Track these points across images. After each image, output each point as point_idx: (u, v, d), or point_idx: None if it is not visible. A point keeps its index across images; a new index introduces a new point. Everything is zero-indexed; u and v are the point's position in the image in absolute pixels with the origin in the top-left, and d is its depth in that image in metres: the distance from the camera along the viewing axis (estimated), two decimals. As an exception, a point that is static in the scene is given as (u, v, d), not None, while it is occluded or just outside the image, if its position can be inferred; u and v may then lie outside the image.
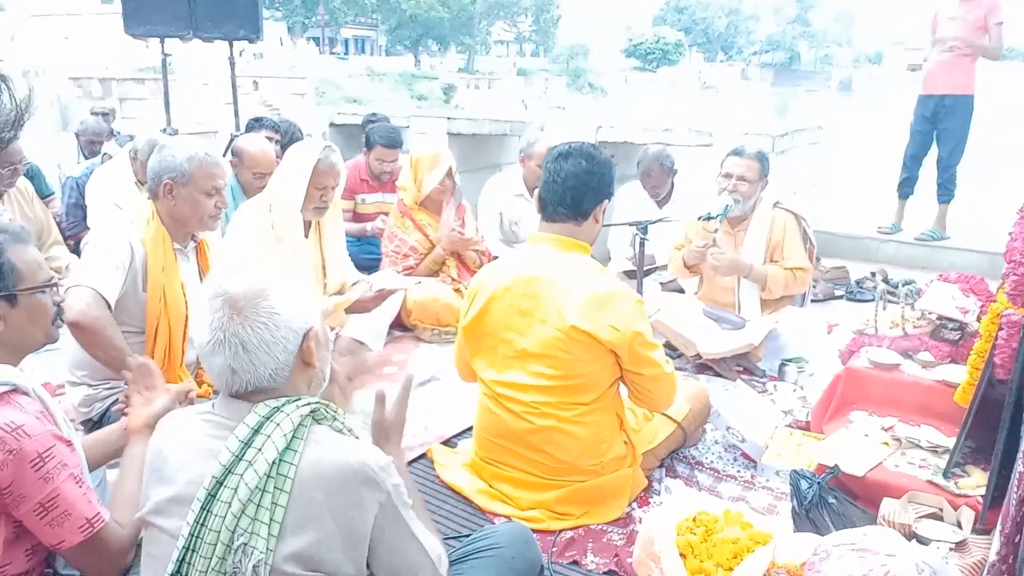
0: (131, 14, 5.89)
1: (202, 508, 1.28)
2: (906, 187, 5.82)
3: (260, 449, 1.29)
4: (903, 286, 3.48)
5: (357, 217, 4.78)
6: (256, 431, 1.30)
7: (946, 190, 5.62)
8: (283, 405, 1.34)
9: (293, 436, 1.31)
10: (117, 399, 2.53)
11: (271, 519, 1.26)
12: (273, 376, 1.36)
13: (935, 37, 5.51)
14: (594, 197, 2.26)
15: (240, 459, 1.29)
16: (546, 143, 4.59)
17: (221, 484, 1.28)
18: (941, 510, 2.14)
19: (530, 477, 2.31)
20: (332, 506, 1.29)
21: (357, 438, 1.41)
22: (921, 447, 2.43)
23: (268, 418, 1.32)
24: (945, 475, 2.26)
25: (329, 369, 1.53)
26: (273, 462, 1.28)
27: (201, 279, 2.79)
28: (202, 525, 1.28)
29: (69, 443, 1.58)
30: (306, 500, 1.28)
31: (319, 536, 1.28)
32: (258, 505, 1.27)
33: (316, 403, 1.38)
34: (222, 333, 1.32)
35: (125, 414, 2.03)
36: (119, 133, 6.85)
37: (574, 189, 2.24)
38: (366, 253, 4.54)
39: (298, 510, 1.27)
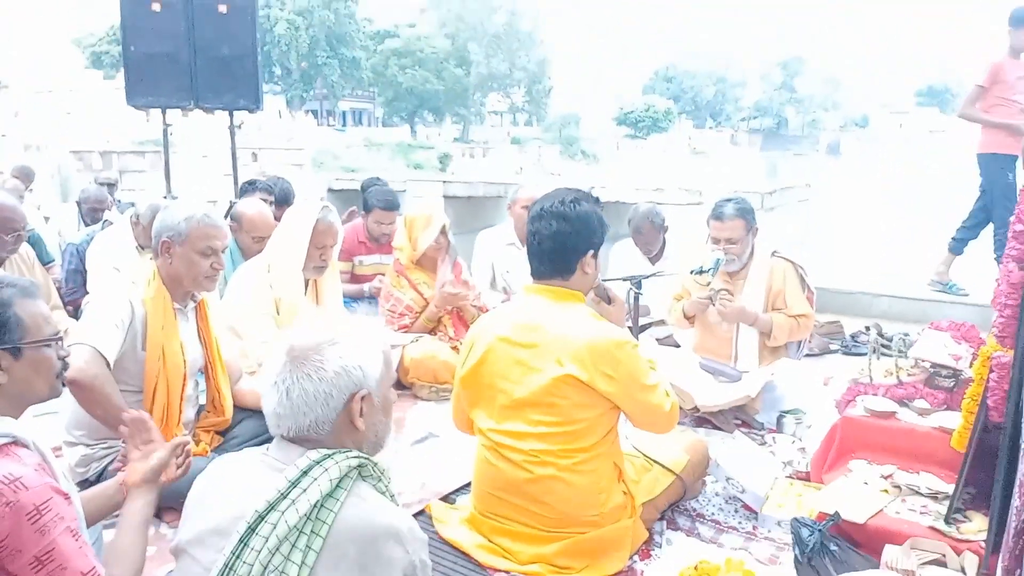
0: (134, 86, 6.05)
1: (240, 541, 1.31)
2: (965, 245, 5.68)
3: (305, 490, 1.32)
4: (898, 339, 3.51)
5: (355, 278, 4.83)
6: (305, 473, 1.34)
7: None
8: (334, 454, 1.38)
9: (338, 485, 1.34)
10: (114, 458, 2.53)
11: (303, 561, 1.29)
12: (313, 428, 1.40)
13: (1007, 97, 5.30)
14: (574, 254, 2.26)
15: (285, 497, 1.32)
16: (529, 189, 4.69)
17: (263, 519, 1.31)
18: (944, 556, 2.12)
19: (529, 530, 2.29)
20: (362, 563, 1.31)
21: (398, 505, 1.45)
22: (921, 494, 2.42)
23: (318, 463, 1.35)
24: (947, 521, 2.25)
25: (388, 437, 1.55)
26: (315, 504, 1.31)
27: (200, 339, 2.82)
28: (237, 557, 1.31)
29: (67, 496, 1.57)
30: (338, 550, 1.30)
31: None
32: (293, 545, 1.29)
33: (364, 459, 1.41)
34: (275, 378, 1.40)
35: (123, 471, 2.03)
36: (120, 201, 6.96)
37: (552, 251, 2.26)
38: (363, 314, 4.57)
39: (329, 558, 1.30)
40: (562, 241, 2.24)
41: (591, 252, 2.29)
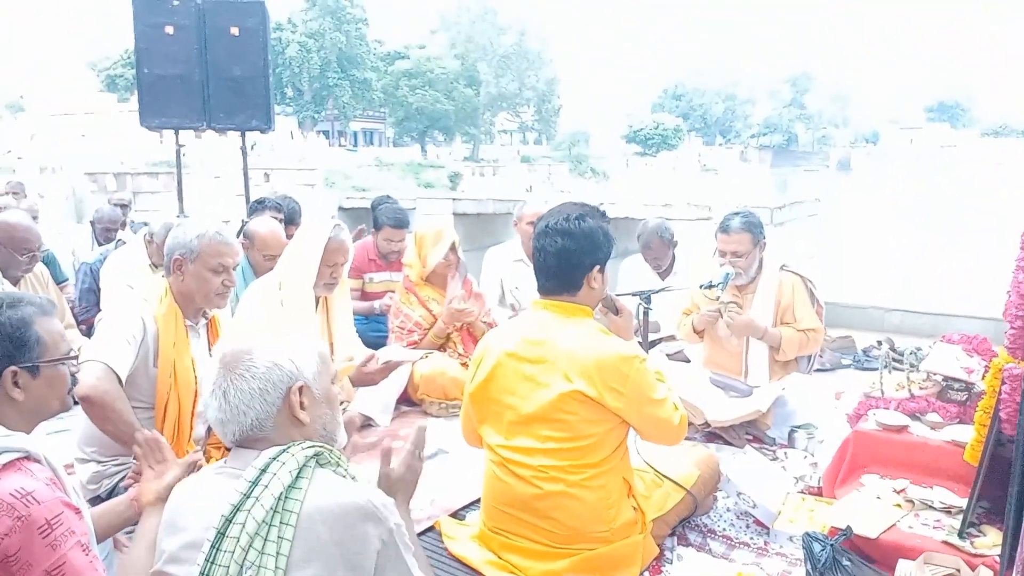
0: (147, 107, 6.14)
1: (212, 545, 1.34)
2: None
3: (267, 486, 1.36)
4: (910, 354, 3.48)
5: (365, 296, 4.85)
6: (263, 471, 1.38)
7: None
8: (289, 447, 1.42)
9: (298, 475, 1.37)
10: (126, 475, 2.55)
11: (278, 551, 1.32)
12: (256, 426, 1.46)
13: None
14: (579, 270, 2.26)
15: (249, 496, 1.35)
16: (534, 205, 4.72)
17: (230, 521, 1.34)
18: (958, 571, 2.10)
19: (539, 546, 2.28)
20: (337, 541, 1.33)
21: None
22: (935, 508, 2.40)
23: (274, 458, 1.39)
24: (960, 535, 2.23)
25: (339, 430, 1.58)
26: (279, 497, 1.34)
27: (211, 356, 2.83)
28: (212, 563, 1.33)
29: (77, 510, 1.58)
30: (311, 535, 1.33)
31: (325, 571, 1.32)
32: (265, 539, 1.32)
33: (320, 447, 1.45)
34: (212, 386, 1.46)
35: (134, 486, 2.03)
36: (133, 221, 7.03)
37: (557, 268, 2.26)
38: (373, 331, 4.58)
39: (304, 544, 1.33)
40: (567, 257, 2.24)
41: (597, 267, 2.29)
